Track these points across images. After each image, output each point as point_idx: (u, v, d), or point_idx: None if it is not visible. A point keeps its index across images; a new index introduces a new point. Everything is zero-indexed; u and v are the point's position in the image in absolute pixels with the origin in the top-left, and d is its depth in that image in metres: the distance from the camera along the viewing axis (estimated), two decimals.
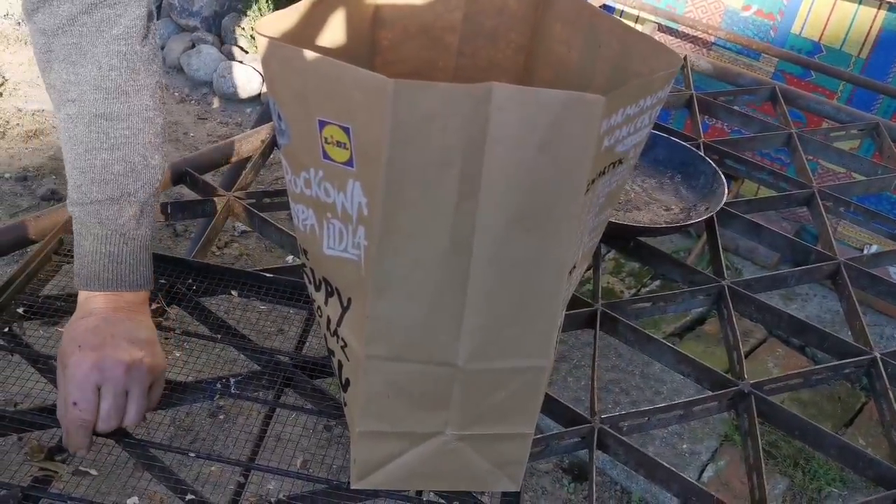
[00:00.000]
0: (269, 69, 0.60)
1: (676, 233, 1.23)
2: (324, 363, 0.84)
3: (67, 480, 0.69)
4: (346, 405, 0.71)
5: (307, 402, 0.81)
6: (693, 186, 1.27)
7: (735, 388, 0.91)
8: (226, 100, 3.13)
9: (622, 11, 2.60)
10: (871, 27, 2.24)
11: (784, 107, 1.63)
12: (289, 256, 1.96)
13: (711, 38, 2.49)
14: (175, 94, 3.14)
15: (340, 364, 0.69)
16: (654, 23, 2.53)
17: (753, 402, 0.90)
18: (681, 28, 2.51)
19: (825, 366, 0.97)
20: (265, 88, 0.67)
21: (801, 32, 2.35)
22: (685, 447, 1.79)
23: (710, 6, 2.45)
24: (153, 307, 0.88)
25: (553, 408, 0.86)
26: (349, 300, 0.65)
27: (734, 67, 1.92)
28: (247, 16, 3.34)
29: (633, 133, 0.62)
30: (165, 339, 0.86)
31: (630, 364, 2.00)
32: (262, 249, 2.24)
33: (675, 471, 0.81)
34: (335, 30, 0.71)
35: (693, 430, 1.84)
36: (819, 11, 2.30)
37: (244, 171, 1.19)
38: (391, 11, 0.75)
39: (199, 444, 0.74)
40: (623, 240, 1.16)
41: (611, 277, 2.29)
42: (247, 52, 3.30)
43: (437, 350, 0.63)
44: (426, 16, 0.75)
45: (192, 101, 3.11)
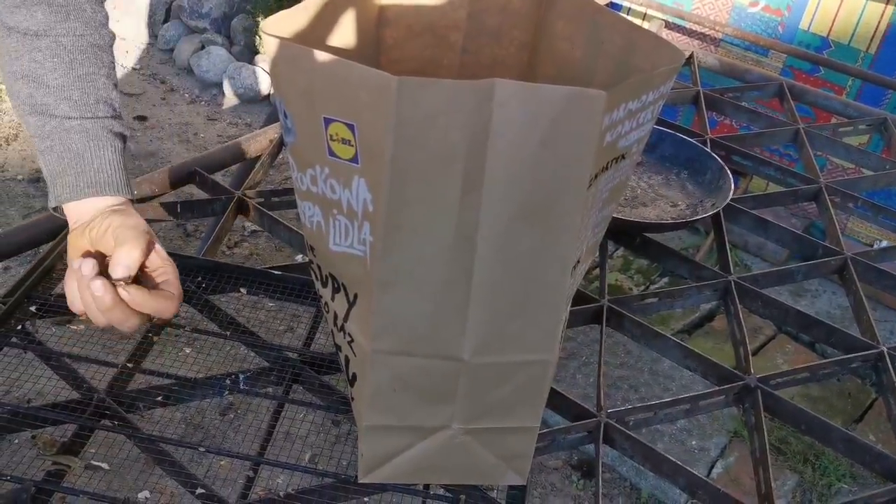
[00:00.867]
0: (276, 68, 0.61)
1: (683, 229, 1.23)
2: (332, 359, 0.85)
3: (80, 475, 0.70)
4: (354, 400, 0.71)
5: (315, 398, 0.82)
6: (699, 182, 1.27)
7: (741, 383, 0.91)
8: (235, 100, 3.15)
9: (629, 9, 2.60)
10: (880, 22, 2.23)
11: (791, 102, 1.63)
12: (298, 255, 1.97)
13: (719, 35, 2.48)
14: (185, 96, 3.15)
15: (347, 359, 0.70)
16: (662, 20, 2.53)
17: (760, 397, 0.90)
18: (688, 25, 2.51)
19: (832, 360, 0.98)
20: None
21: (810, 28, 2.35)
22: (694, 443, 1.79)
23: (718, 2, 2.45)
24: None
25: (559, 402, 0.87)
26: (355, 296, 0.66)
27: (741, 64, 1.92)
28: (256, 17, 3.36)
29: (636, 128, 0.63)
30: (176, 337, 0.87)
31: (639, 361, 2.00)
32: (272, 249, 2.25)
33: (682, 465, 0.81)
34: (341, 29, 0.72)
35: (702, 427, 1.84)
36: (827, 7, 2.30)
37: (253, 171, 1.20)
38: (396, 10, 0.76)
39: (210, 441, 0.75)
40: (629, 236, 1.16)
41: (619, 274, 2.29)
42: (256, 53, 3.31)
43: (443, 344, 0.63)
44: (431, 14, 0.76)
45: (202, 102, 3.12)
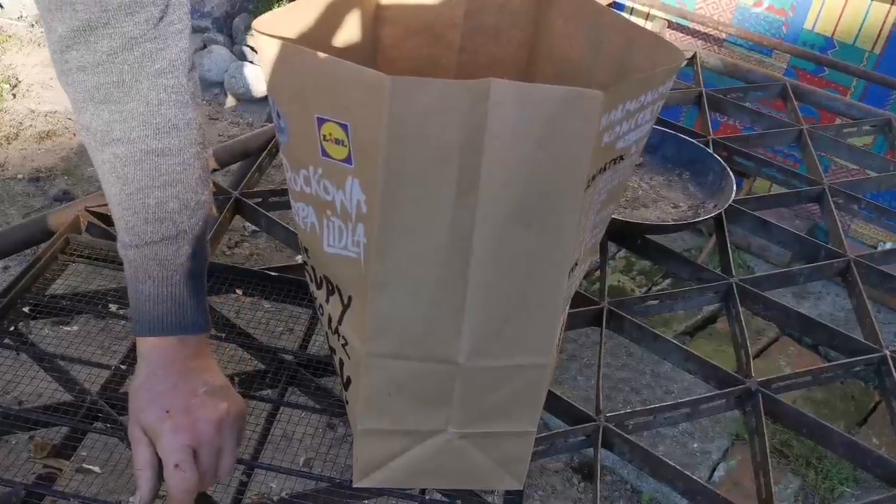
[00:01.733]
0: (268, 67, 0.60)
1: (685, 230, 1.22)
2: (328, 361, 0.84)
3: (71, 478, 0.70)
4: (348, 403, 0.71)
5: (311, 401, 0.81)
6: (701, 184, 1.26)
7: (742, 386, 0.90)
8: (237, 100, 3.14)
9: (632, 8, 2.59)
10: (885, 22, 2.22)
11: (795, 103, 1.61)
12: (298, 256, 1.96)
13: (722, 35, 2.47)
14: None
15: (342, 362, 0.69)
16: (665, 19, 2.52)
17: (761, 401, 0.89)
18: (691, 25, 2.50)
19: (834, 364, 0.97)
20: None
21: (814, 28, 2.34)
22: (696, 446, 1.78)
23: (722, 2, 2.44)
24: None
25: (558, 406, 0.86)
26: (350, 298, 0.65)
27: (745, 64, 1.91)
28: (258, 16, 3.35)
29: (634, 129, 0.62)
30: None
31: (641, 363, 1.99)
32: (273, 249, 2.25)
33: (681, 469, 0.80)
34: (336, 27, 0.71)
35: (704, 429, 1.83)
36: (832, 6, 2.28)
37: (251, 171, 1.19)
38: (393, 9, 0.75)
39: None
40: (630, 237, 1.15)
41: (621, 276, 2.28)
42: (257, 53, 3.30)
43: (438, 347, 0.63)
44: (428, 13, 0.75)
45: (204, 102, 3.12)
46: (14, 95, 2.93)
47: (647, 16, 2.58)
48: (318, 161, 0.60)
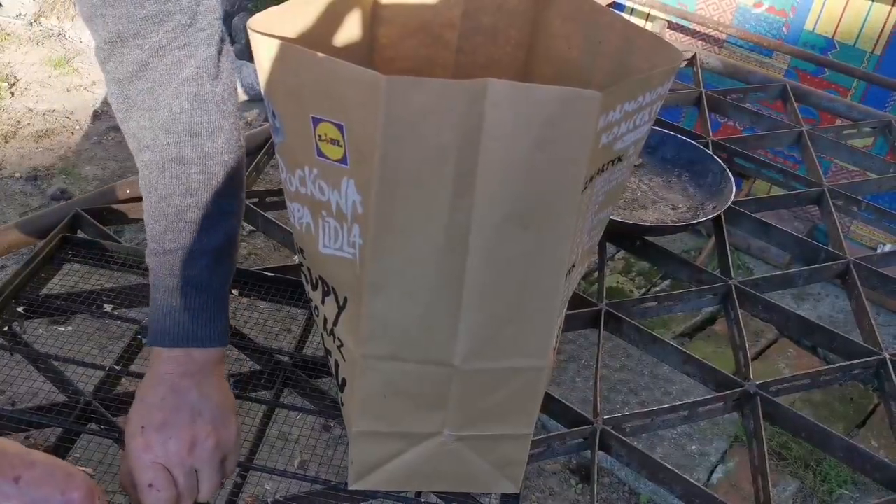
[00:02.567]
0: (263, 66, 0.60)
1: (684, 232, 1.22)
2: (323, 363, 0.83)
3: None
4: (344, 405, 0.70)
5: (307, 402, 0.81)
6: (701, 185, 1.25)
7: (741, 389, 0.90)
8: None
9: (632, 9, 2.58)
10: (886, 23, 2.21)
11: (794, 104, 1.61)
12: (295, 256, 1.95)
13: (723, 36, 2.47)
14: None
15: (337, 364, 0.68)
16: (665, 20, 2.51)
17: (759, 403, 0.88)
18: (691, 25, 2.49)
19: (833, 366, 0.96)
20: None
21: (815, 29, 2.33)
22: (694, 448, 1.78)
23: (722, 3, 2.43)
24: None
25: (555, 408, 0.85)
26: (345, 299, 0.64)
27: (745, 65, 1.91)
28: None
29: (633, 130, 0.61)
30: None
31: (639, 364, 1.98)
32: (270, 249, 2.24)
33: (678, 472, 0.80)
34: (333, 27, 0.71)
35: (702, 431, 1.82)
36: (832, 7, 2.28)
37: (248, 170, 1.19)
38: (390, 8, 0.74)
39: None
40: (629, 238, 1.15)
41: (620, 277, 2.28)
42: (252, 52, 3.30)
43: (434, 349, 0.62)
44: (425, 13, 0.75)
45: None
46: (12, 94, 2.92)
47: (648, 16, 2.58)
48: (314, 161, 0.59)
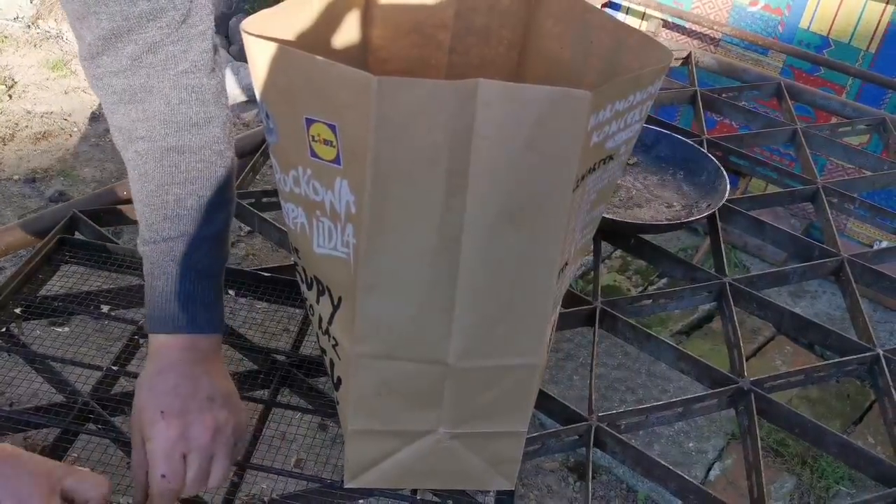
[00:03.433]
0: (256, 68, 0.60)
1: (678, 230, 1.22)
2: (320, 362, 0.83)
3: None
4: (339, 404, 0.70)
5: (303, 401, 0.81)
6: (695, 183, 1.26)
7: (734, 386, 0.90)
8: (233, 100, 3.14)
9: (628, 8, 2.59)
10: (880, 21, 2.22)
11: (789, 102, 1.61)
12: (291, 255, 1.96)
13: (718, 35, 2.47)
14: None
15: (333, 363, 0.69)
16: (660, 19, 2.52)
17: (753, 400, 0.89)
18: (687, 24, 2.50)
19: (827, 363, 0.97)
20: None
21: (810, 27, 2.34)
22: (692, 445, 1.78)
23: (718, 2, 2.44)
24: None
25: (551, 406, 0.86)
26: (339, 299, 0.65)
27: (739, 63, 1.91)
28: None
29: (624, 129, 0.62)
30: None
31: (636, 362, 1.99)
32: (269, 249, 2.24)
33: (672, 468, 0.80)
34: (327, 28, 0.71)
35: (700, 429, 1.83)
36: (827, 5, 2.28)
37: (245, 171, 1.19)
38: (383, 9, 0.75)
39: None
40: (623, 237, 1.15)
41: (617, 275, 2.28)
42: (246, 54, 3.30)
43: (428, 348, 0.63)
44: (418, 14, 0.75)
45: None
46: (10, 96, 2.93)
47: (643, 15, 2.58)
48: (308, 162, 0.60)
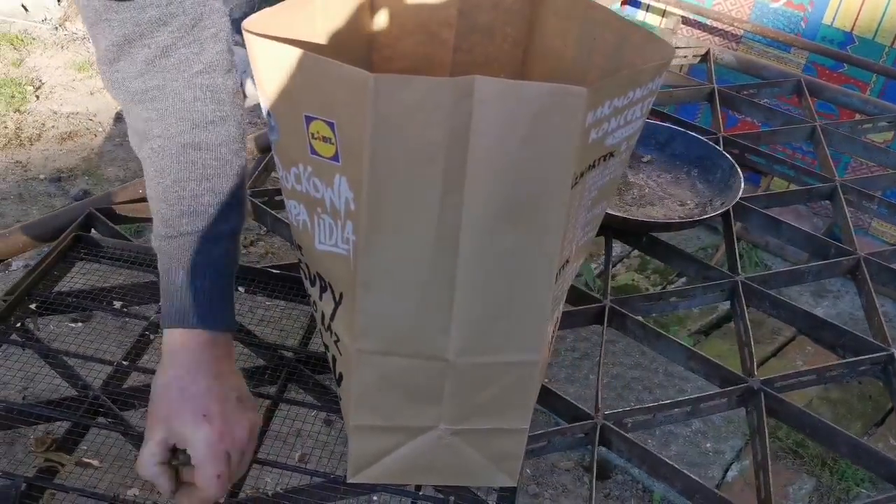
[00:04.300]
0: (257, 66, 0.61)
1: (690, 228, 1.21)
2: (327, 358, 0.84)
3: (71, 471, 0.71)
4: (342, 399, 0.71)
5: (310, 397, 0.82)
6: (710, 181, 1.25)
7: (744, 385, 0.90)
8: (253, 101, 3.16)
9: (648, 5, 2.57)
10: None
11: (809, 99, 1.59)
12: (295, 252, 1.97)
13: (739, 32, 2.45)
14: None
15: (335, 359, 0.70)
16: (680, 15, 2.50)
17: (763, 399, 0.88)
18: (708, 21, 2.48)
19: (839, 363, 0.96)
20: None
21: (833, 23, 2.31)
22: (709, 446, 1.77)
23: None
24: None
25: (557, 403, 0.86)
26: (341, 295, 0.65)
27: (759, 60, 1.89)
28: None
29: (624, 126, 0.62)
30: None
31: (654, 362, 1.98)
32: (288, 248, 2.26)
33: (678, 468, 0.80)
34: (331, 27, 0.72)
35: (717, 429, 1.81)
36: (850, 1, 2.25)
37: (258, 169, 1.21)
38: (387, 8, 0.75)
39: None
40: (636, 235, 1.15)
41: (636, 274, 2.27)
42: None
43: (428, 344, 0.63)
44: (422, 11, 0.75)
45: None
46: (37, 97, 2.97)
47: (664, 12, 2.56)
48: (308, 159, 0.61)
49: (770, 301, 1.04)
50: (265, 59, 0.59)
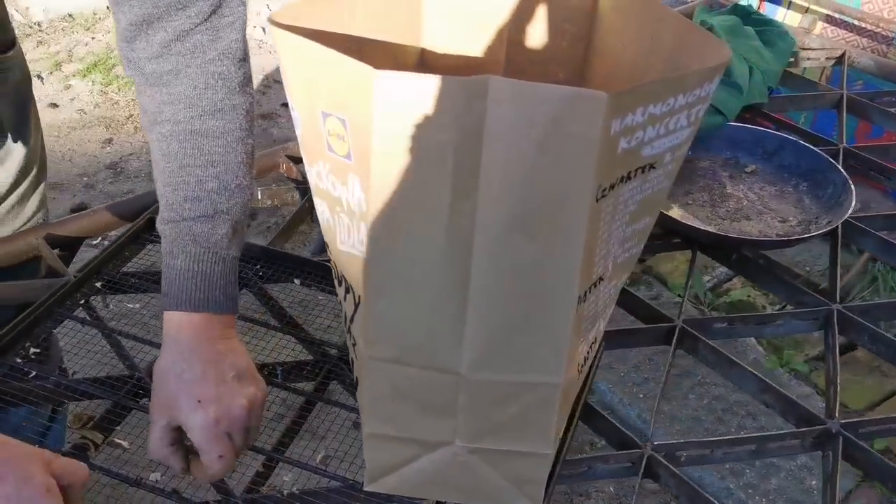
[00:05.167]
0: (282, 60, 0.59)
1: (784, 248, 1.11)
2: None
3: (102, 450, 0.73)
4: (359, 404, 0.69)
5: (347, 396, 0.80)
6: (819, 197, 1.14)
7: (822, 427, 0.81)
8: None
9: (790, 2, 2.40)
10: None
11: None
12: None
13: (889, 34, 2.24)
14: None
15: (353, 362, 0.68)
16: (822, 14, 2.31)
17: (840, 444, 0.79)
18: (854, 21, 2.28)
19: None
20: None
21: None
22: (814, 483, 1.63)
23: None
24: None
25: (604, 428, 0.80)
26: (359, 298, 0.63)
27: None
28: None
29: (666, 135, 0.56)
30: None
31: None
32: None
33: None
34: (376, 19, 0.69)
35: None
36: None
37: None
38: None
39: None
40: (725, 251, 1.06)
41: (752, 290, 2.13)
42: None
43: (439, 356, 0.60)
44: (475, 3, 0.72)
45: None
46: None
47: (807, 10, 2.38)
48: (326, 156, 0.59)
49: (869, 334, 0.94)
50: (286, 52, 0.58)
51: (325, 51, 0.53)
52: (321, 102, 0.56)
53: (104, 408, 0.77)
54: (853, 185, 1.09)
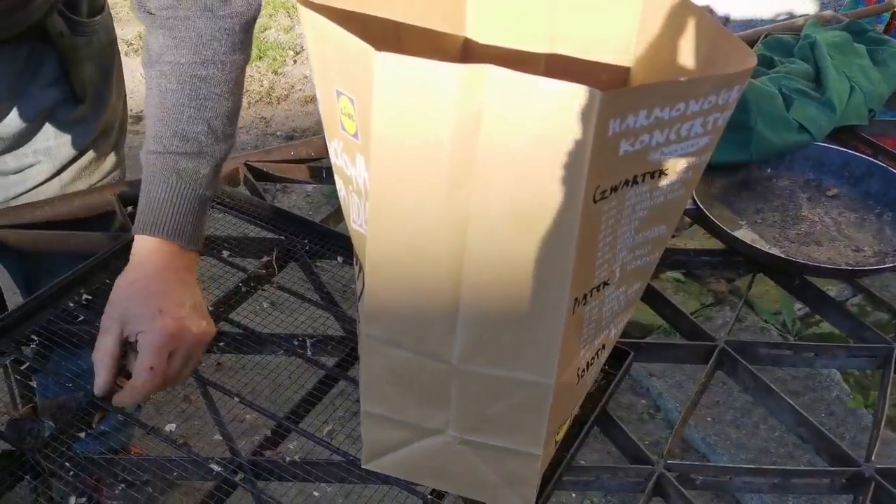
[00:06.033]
0: (307, 37, 0.61)
1: (847, 280, 1.04)
2: None
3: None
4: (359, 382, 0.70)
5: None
6: None
7: (854, 469, 0.76)
8: None
9: None
10: None
11: None
12: None
13: None
14: None
15: (357, 340, 0.69)
16: None
17: (872, 490, 0.74)
18: None
19: None
20: None
21: None
22: None
23: None
24: (264, 260, 0.94)
25: (619, 439, 0.78)
26: (364, 276, 0.64)
27: None
28: None
29: (679, 141, 0.54)
30: (262, 291, 0.91)
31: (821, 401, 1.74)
32: None
33: None
34: (414, 5, 0.70)
35: None
36: None
37: None
38: None
39: (250, 393, 0.78)
40: (787, 275, 1.01)
41: None
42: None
43: (431, 342, 0.60)
44: None
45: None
46: (295, 62, 3.25)
47: None
48: (339, 134, 0.60)
49: None
50: (308, 29, 0.59)
51: (336, 29, 0.54)
52: (336, 80, 0.57)
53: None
54: None
